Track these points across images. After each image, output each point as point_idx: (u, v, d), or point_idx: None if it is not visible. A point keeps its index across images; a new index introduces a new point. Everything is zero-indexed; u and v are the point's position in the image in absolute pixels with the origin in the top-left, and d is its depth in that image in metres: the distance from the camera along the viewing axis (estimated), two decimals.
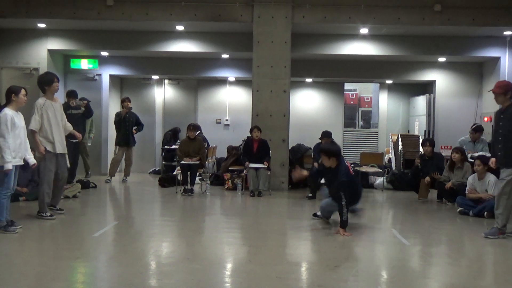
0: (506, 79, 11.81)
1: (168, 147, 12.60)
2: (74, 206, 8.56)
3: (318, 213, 7.43)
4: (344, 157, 10.31)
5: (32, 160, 6.60)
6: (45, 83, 7.27)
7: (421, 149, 11.53)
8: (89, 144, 12.42)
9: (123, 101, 11.81)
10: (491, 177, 8.02)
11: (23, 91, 6.55)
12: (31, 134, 7.04)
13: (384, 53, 12.09)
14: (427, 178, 9.48)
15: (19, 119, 6.47)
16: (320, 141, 10.10)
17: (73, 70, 13.17)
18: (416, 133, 13.40)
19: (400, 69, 13.30)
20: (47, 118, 7.15)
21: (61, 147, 7.34)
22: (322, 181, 9.64)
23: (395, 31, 11.54)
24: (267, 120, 10.70)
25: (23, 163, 6.56)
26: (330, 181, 7.05)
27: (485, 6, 10.63)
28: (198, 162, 10.08)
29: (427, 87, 13.82)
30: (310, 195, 9.74)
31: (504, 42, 11.90)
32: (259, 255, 5.67)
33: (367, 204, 9.72)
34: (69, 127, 7.65)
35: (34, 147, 7.07)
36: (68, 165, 7.64)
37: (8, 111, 6.36)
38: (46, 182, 7.22)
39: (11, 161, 6.23)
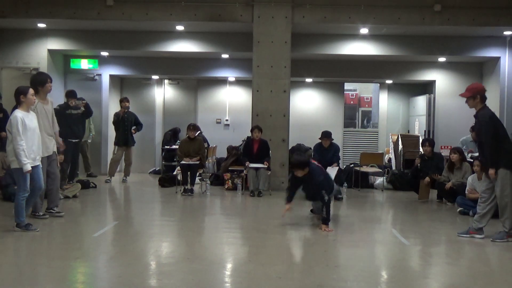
0: (506, 79, 11.84)
1: (168, 147, 12.60)
2: (74, 206, 8.56)
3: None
4: (339, 157, 10.39)
5: (28, 167, 6.34)
6: (39, 83, 7.14)
7: (421, 149, 11.54)
8: (89, 141, 12.54)
9: (121, 101, 11.82)
10: None
11: (31, 91, 6.52)
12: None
13: (384, 53, 12.09)
14: (427, 179, 9.48)
15: (30, 120, 6.43)
16: (320, 141, 10.10)
17: (73, 70, 13.16)
18: (416, 133, 13.40)
19: (400, 69, 13.29)
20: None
21: (50, 149, 7.22)
22: None
23: (395, 31, 11.54)
24: (267, 120, 10.70)
25: (39, 164, 6.55)
26: (307, 185, 7.07)
27: (485, 6, 10.62)
28: (198, 162, 10.07)
29: (427, 87, 13.81)
30: None
31: (504, 42, 11.89)
32: (259, 255, 5.68)
33: (367, 204, 9.74)
34: (56, 127, 7.47)
35: None
36: (58, 164, 7.58)
37: (18, 113, 6.33)
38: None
39: (29, 162, 6.24)
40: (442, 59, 12.73)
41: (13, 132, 6.24)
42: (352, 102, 15.93)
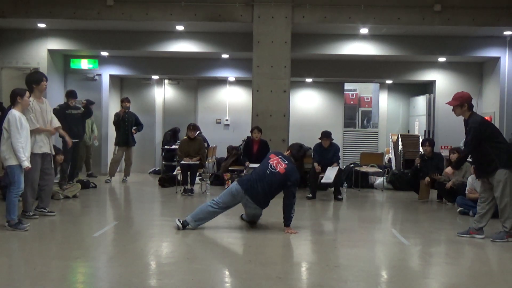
0: (506, 79, 11.84)
1: (168, 147, 12.60)
2: (74, 206, 8.56)
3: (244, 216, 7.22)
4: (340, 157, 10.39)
5: (26, 164, 6.47)
6: (34, 81, 7.12)
7: (421, 149, 11.54)
8: (96, 145, 12.60)
9: (122, 101, 11.82)
10: None
11: (27, 94, 6.63)
12: (37, 131, 7.00)
13: (384, 53, 12.09)
14: (427, 179, 9.47)
15: (25, 120, 6.54)
16: (320, 141, 10.09)
17: (73, 70, 13.17)
18: (416, 133, 13.40)
19: (400, 69, 13.29)
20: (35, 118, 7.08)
21: (47, 146, 7.19)
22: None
23: (395, 31, 11.54)
24: (267, 120, 10.70)
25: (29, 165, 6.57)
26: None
27: (485, 6, 10.63)
28: (198, 162, 10.07)
29: (427, 87, 13.81)
30: (310, 195, 9.73)
31: (504, 42, 11.89)
32: (259, 255, 5.67)
33: (367, 204, 9.74)
34: (56, 123, 7.46)
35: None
36: (52, 165, 7.53)
37: (16, 112, 6.42)
38: (30, 182, 6.93)
39: (26, 159, 6.34)
40: (442, 59, 12.73)
41: (12, 130, 6.30)
42: (352, 102, 15.92)
